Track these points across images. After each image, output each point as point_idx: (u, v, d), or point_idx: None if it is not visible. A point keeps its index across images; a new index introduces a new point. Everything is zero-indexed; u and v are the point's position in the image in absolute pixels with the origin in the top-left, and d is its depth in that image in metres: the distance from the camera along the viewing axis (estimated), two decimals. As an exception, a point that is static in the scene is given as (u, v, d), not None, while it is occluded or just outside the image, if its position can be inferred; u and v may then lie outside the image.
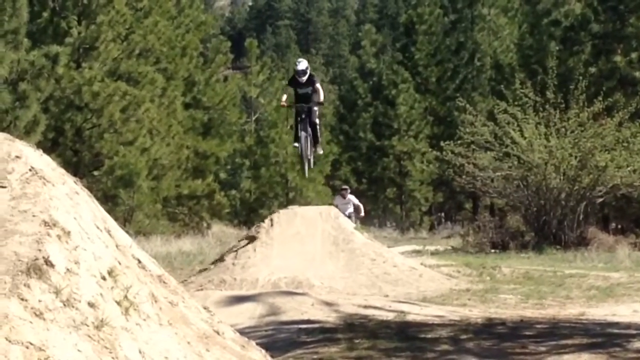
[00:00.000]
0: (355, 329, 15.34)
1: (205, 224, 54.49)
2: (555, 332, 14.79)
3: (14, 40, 26.88)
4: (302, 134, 23.53)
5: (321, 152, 26.08)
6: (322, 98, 23.96)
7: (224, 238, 39.60)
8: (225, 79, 66.99)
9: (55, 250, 7.28)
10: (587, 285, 22.56)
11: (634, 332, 14.29)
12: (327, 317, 16.67)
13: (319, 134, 24.49)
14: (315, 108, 24.01)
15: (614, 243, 35.88)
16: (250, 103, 70.21)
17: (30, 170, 7.88)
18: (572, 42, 49.37)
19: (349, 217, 32.01)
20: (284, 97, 25.10)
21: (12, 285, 6.91)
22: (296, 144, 24.25)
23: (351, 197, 34.40)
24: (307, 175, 26.34)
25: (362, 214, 34.57)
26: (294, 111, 23.93)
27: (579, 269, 26.55)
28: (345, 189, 35.88)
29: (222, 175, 64.82)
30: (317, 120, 24.32)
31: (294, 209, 29.15)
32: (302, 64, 23.63)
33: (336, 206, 31.63)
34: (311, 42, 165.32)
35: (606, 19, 46.19)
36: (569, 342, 13.65)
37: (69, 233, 7.50)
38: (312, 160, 24.71)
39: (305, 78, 23.21)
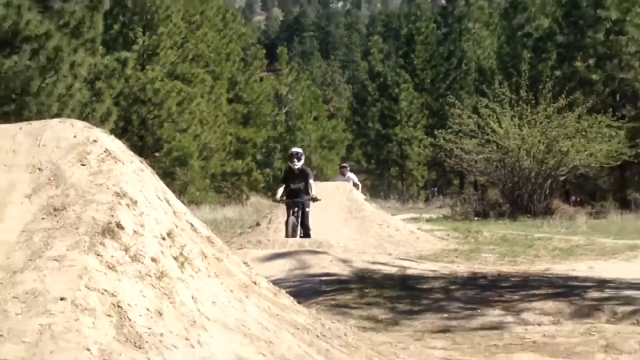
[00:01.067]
0: (365, 280, 15.31)
1: (244, 196, 54.50)
2: (526, 283, 14.75)
3: (92, 47, 26.87)
4: (291, 219, 20.61)
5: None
6: (314, 192, 20.91)
7: (259, 207, 39.49)
8: (261, 79, 67.00)
9: (125, 216, 7.29)
10: (552, 247, 22.50)
11: (589, 284, 14.26)
12: (343, 271, 16.64)
13: (310, 230, 21.29)
14: (308, 210, 20.95)
15: (574, 212, 35.83)
16: (281, 99, 70.08)
17: (105, 151, 7.89)
18: (541, 51, 49.16)
19: None
20: (278, 194, 21.44)
21: (90, 243, 6.92)
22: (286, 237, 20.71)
23: (351, 175, 30.97)
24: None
25: (360, 186, 31.35)
26: (286, 207, 21.04)
27: (546, 233, 26.48)
28: (345, 167, 32.71)
29: (258, 156, 64.68)
30: (310, 224, 21.11)
31: (316, 184, 29.16)
32: (296, 149, 21.16)
33: None
34: (330, 50, 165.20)
35: (568, 31, 46.07)
36: (537, 292, 13.62)
37: (135, 202, 7.52)
38: None
39: (298, 165, 20.44)
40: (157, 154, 43.98)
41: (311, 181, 20.70)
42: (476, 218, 36.53)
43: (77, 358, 5.87)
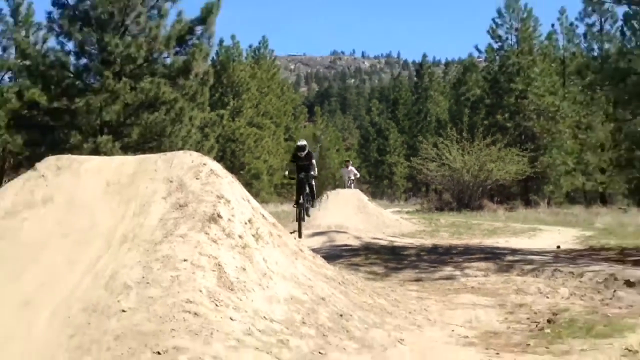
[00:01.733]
0: (369, 249, 15.28)
1: (295, 198, 54.51)
2: (467, 251, 14.69)
3: (202, 107, 26.99)
4: (302, 200, 17.19)
5: (317, 206, 19.17)
6: (315, 172, 17.38)
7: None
8: (305, 126, 67.10)
9: (223, 210, 7.32)
10: (482, 228, 22.38)
11: (506, 251, 14.20)
12: (355, 243, 16.62)
13: (315, 193, 17.97)
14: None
15: (496, 208, 35.73)
16: (318, 138, 69.80)
17: (210, 170, 7.92)
18: (475, 109, 49.00)
19: (352, 181, 28.86)
20: (286, 172, 18.90)
21: (202, 227, 6.94)
22: (296, 206, 17.67)
23: (352, 168, 29.71)
24: (301, 236, 16.84)
25: (358, 175, 30.53)
26: (296, 180, 17.41)
27: (479, 221, 26.37)
28: (348, 161, 31.64)
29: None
30: (314, 183, 17.78)
31: (338, 191, 29.15)
32: (302, 142, 17.74)
33: (342, 175, 28.67)
34: (346, 109, 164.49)
35: (492, 97, 45.82)
36: (474, 256, 13.57)
37: (229, 201, 7.55)
38: (309, 210, 17.86)
39: (304, 153, 16.95)
40: (241, 172, 44.04)
41: (314, 161, 17.40)
42: (436, 211, 36.40)
43: (194, 296, 5.90)
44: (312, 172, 17.08)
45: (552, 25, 47.47)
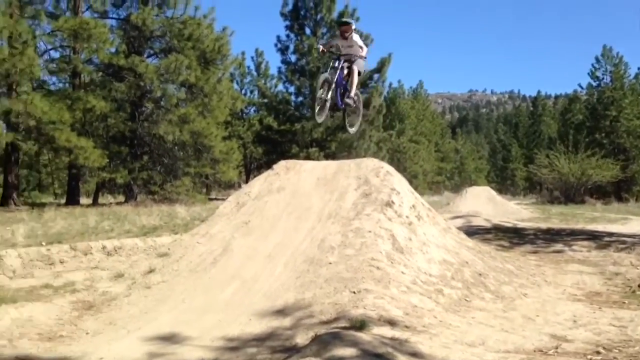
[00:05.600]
0: (497, 229, 14.66)
1: (442, 191, 53.02)
2: (573, 233, 13.71)
3: (378, 128, 26.95)
4: (324, 76, 7.32)
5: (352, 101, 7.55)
6: (361, 67, 7.31)
7: (449, 197, 38.23)
8: (449, 142, 65.27)
9: (395, 198, 7.30)
10: (584, 217, 20.75)
11: (604, 234, 13.12)
12: (487, 224, 15.99)
13: (353, 85, 7.39)
14: (355, 67, 7.20)
15: (595, 202, 33.07)
16: (458, 151, 67.49)
17: (386, 171, 7.93)
18: (579, 130, 45.34)
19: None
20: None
21: (381, 209, 6.95)
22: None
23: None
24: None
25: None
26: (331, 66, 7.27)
27: (582, 211, 24.51)
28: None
29: (448, 175, 62.54)
30: (356, 71, 7.23)
31: (474, 187, 28.17)
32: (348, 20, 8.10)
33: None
34: (479, 130, 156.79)
35: (592, 120, 42.48)
36: (579, 237, 12.64)
37: (399, 192, 7.51)
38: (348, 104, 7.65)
39: (348, 35, 7.17)
40: (404, 173, 43.55)
41: (361, 47, 7.30)
42: (548, 204, 34.28)
43: (376, 256, 5.93)
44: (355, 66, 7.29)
45: (638, 68, 44.30)
